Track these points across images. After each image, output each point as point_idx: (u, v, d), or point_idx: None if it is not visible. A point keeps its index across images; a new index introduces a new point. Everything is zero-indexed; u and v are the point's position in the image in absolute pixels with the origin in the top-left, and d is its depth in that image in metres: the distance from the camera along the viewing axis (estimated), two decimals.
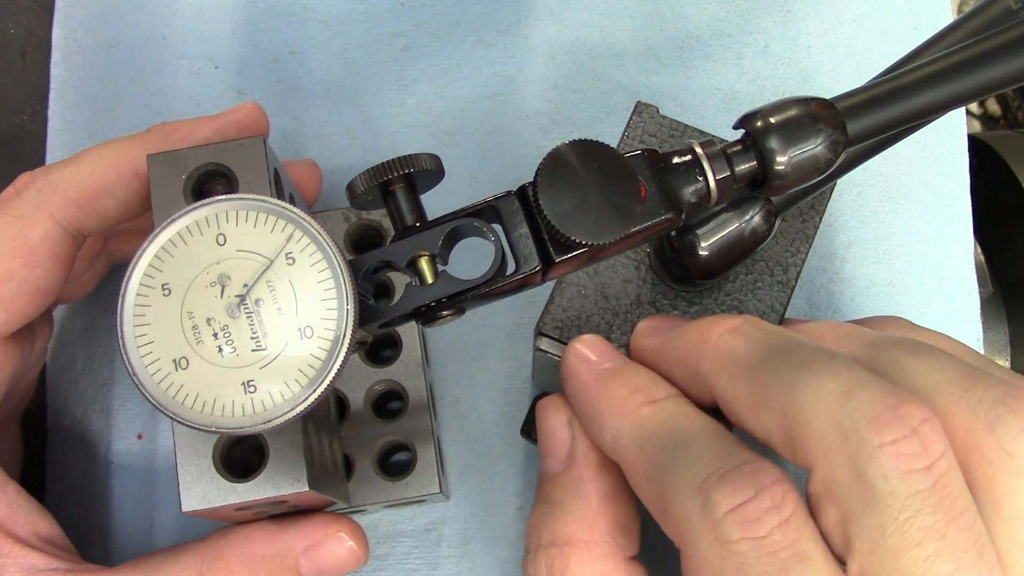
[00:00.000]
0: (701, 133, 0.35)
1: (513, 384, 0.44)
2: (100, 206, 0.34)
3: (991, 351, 0.54)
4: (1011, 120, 0.99)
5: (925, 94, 0.28)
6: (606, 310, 0.34)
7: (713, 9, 0.49)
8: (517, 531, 0.42)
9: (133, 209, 0.35)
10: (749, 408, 0.26)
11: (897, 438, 0.22)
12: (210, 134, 0.36)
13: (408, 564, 0.42)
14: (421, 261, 0.28)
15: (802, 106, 0.28)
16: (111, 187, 0.34)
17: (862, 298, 0.45)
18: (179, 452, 0.31)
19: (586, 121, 0.47)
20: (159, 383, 0.26)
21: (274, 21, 0.48)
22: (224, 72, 0.48)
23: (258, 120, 0.37)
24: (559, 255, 0.28)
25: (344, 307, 0.27)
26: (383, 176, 0.28)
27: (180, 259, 0.27)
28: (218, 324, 0.26)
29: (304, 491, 0.31)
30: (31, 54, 0.49)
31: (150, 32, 0.48)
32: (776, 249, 0.35)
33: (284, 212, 0.27)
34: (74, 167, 0.34)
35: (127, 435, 0.44)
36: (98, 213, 0.35)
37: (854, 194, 0.46)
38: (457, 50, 0.48)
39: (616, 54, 0.48)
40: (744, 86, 0.48)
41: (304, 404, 0.26)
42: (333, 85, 0.47)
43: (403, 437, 0.41)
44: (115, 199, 0.35)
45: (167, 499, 0.43)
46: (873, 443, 0.22)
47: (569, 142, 0.27)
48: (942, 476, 0.22)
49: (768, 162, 0.28)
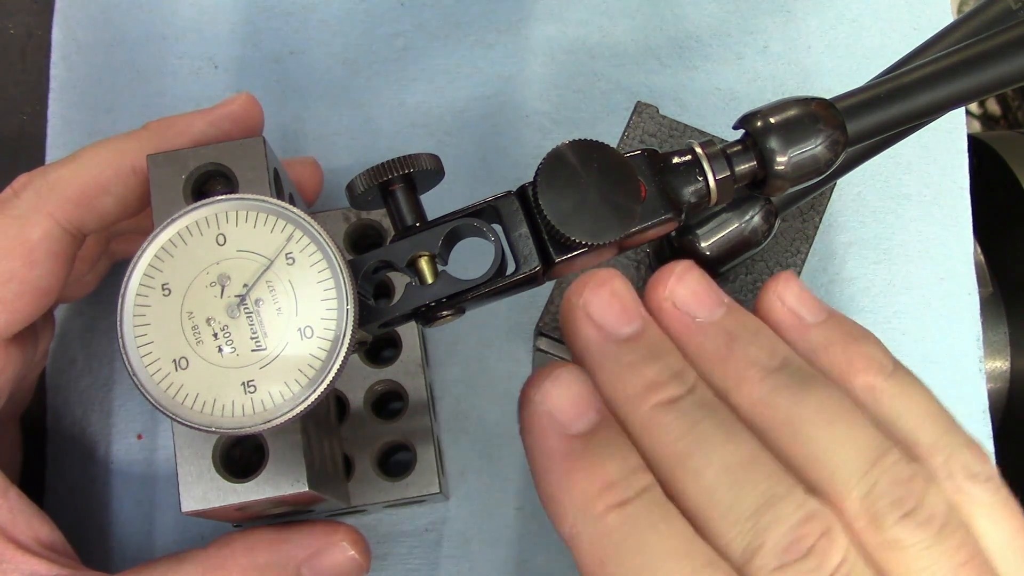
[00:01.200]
0: (701, 133, 0.35)
1: (513, 384, 0.44)
2: (99, 204, 0.34)
3: (991, 351, 0.54)
4: (1011, 120, 0.99)
5: (925, 94, 0.28)
6: None
7: (713, 9, 0.49)
8: (517, 531, 0.42)
9: (132, 206, 0.35)
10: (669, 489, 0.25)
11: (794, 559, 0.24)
12: (205, 127, 0.35)
13: (408, 564, 0.42)
14: (421, 261, 0.28)
15: (802, 106, 0.28)
16: (109, 185, 0.34)
17: (862, 298, 0.45)
18: (179, 452, 0.31)
19: (586, 121, 0.47)
20: (159, 383, 0.26)
21: (274, 21, 0.48)
22: (224, 72, 0.48)
23: (252, 111, 0.37)
24: (559, 255, 0.28)
25: (344, 307, 0.27)
26: (383, 176, 0.28)
27: (180, 259, 0.27)
28: (218, 324, 0.26)
29: (304, 491, 0.31)
30: (31, 54, 0.49)
31: (150, 32, 0.48)
32: (776, 249, 0.35)
33: (284, 212, 0.27)
34: (72, 166, 0.34)
35: (127, 435, 0.44)
36: (97, 211, 0.35)
37: (854, 194, 0.46)
38: (457, 50, 0.48)
39: (616, 54, 0.48)
40: (744, 86, 0.48)
41: (304, 404, 0.26)
42: (333, 85, 0.47)
43: (403, 437, 0.41)
44: (114, 197, 0.35)
45: (167, 499, 0.43)
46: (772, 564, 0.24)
47: (569, 142, 0.27)
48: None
49: (768, 162, 0.28)
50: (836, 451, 0.26)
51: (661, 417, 0.25)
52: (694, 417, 0.25)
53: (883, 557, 0.25)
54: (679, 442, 0.25)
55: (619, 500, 0.25)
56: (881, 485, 0.25)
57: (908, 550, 0.25)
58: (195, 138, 0.35)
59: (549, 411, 0.26)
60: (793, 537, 0.24)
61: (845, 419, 0.26)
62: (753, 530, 0.24)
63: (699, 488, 0.25)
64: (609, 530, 0.25)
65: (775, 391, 0.26)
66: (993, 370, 0.53)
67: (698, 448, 0.25)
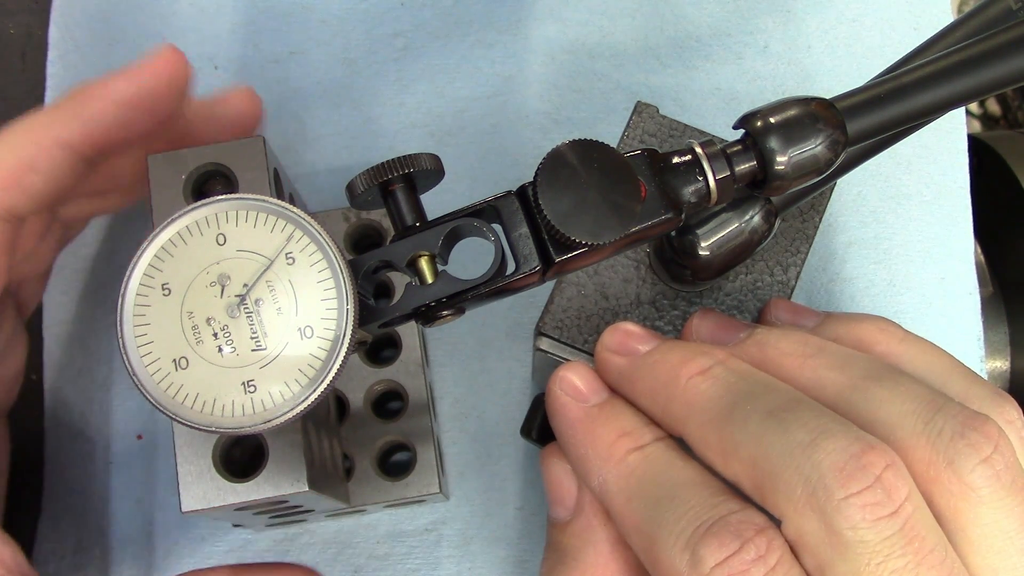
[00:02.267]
0: (701, 133, 0.35)
1: (513, 384, 0.44)
2: (27, 183, 0.33)
3: (991, 351, 0.54)
4: (1011, 120, 0.99)
5: (925, 94, 0.28)
6: (606, 310, 0.34)
7: (713, 9, 0.49)
8: (517, 531, 0.42)
9: (65, 181, 0.34)
10: (718, 455, 0.26)
11: (862, 488, 0.23)
12: (128, 88, 0.34)
13: (408, 564, 0.42)
14: (421, 261, 0.28)
15: (802, 106, 0.28)
16: (34, 163, 0.33)
17: (862, 298, 0.45)
18: (179, 452, 0.31)
19: (586, 121, 0.47)
20: (159, 383, 0.26)
21: (274, 21, 0.48)
22: (224, 72, 0.48)
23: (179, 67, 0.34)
24: (559, 255, 0.28)
25: (344, 307, 0.27)
26: (383, 176, 0.28)
27: (180, 259, 0.27)
28: (218, 324, 0.26)
29: (304, 491, 0.31)
30: (31, 54, 0.49)
31: (149, 31, 0.48)
32: (776, 249, 0.35)
33: (284, 212, 0.27)
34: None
35: (127, 435, 0.44)
36: (27, 192, 0.33)
37: (854, 194, 0.46)
38: (457, 50, 0.48)
39: (616, 54, 0.48)
40: (744, 86, 0.48)
41: (304, 404, 0.26)
42: (333, 85, 0.47)
43: (403, 437, 0.41)
44: (41, 174, 0.33)
45: (167, 499, 0.43)
46: (839, 495, 0.23)
47: (569, 142, 0.27)
48: (908, 519, 0.23)
49: (768, 162, 0.28)
50: (894, 404, 0.25)
51: (698, 384, 0.27)
52: (728, 380, 0.27)
53: (950, 505, 0.24)
54: (721, 400, 0.26)
55: (637, 444, 0.27)
56: (949, 429, 0.24)
57: (983, 501, 0.24)
58: (118, 101, 0.34)
59: (569, 389, 0.30)
60: (857, 465, 0.23)
61: (892, 378, 0.26)
62: (810, 461, 0.23)
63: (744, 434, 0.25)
64: (632, 469, 0.27)
65: (817, 371, 0.27)
66: (993, 370, 0.53)
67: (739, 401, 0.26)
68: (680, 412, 0.27)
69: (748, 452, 0.25)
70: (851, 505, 0.23)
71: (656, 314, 0.34)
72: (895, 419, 0.25)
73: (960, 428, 0.24)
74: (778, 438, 0.24)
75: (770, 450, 0.24)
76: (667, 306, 0.34)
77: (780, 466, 0.24)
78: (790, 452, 0.24)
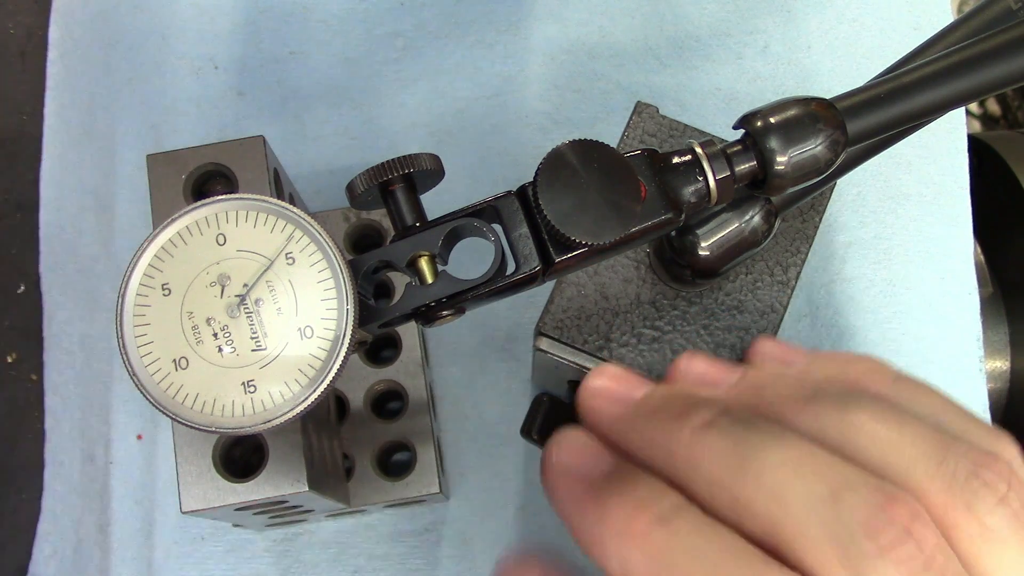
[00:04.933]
0: (701, 133, 0.35)
1: (513, 384, 0.44)
2: None
3: (991, 351, 0.54)
4: (1011, 120, 0.99)
5: (925, 94, 0.28)
6: (606, 310, 0.34)
7: (713, 9, 0.49)
8: (517, 531, 0.42)
9: None
10: (731, 512, 0.25)
11: (892, 541, 0.23)
12: None
13: (408, 564, 0.42)
14: (421, 261, 0.28)
15: (802, 106, 0.28)
16: None
17: (862, 298, 0.45)
18: (179, 452, 0.31)
19: (586, 121, 0.47)
20: (159, 383, 0.26)
21: (274, 21, 0.48)
22: (224, 72, 0.48)
23: None
24: (559, 255, 0.28)
25: (344, 307, 0.27)
26: (383, 176, 0.28)
27: (180, 259, 0.27)
28: (218, 324, 0.26)
29: (304, 491, 0.31)
30: (31, 54, 0.49)
31: (149, 31, 0.48)
32: (776, 249, 0.35)
33: (284, 212, 0.27)
34: None
35: (127, 435, 0.44)
36: None
37: (854, 194, 0.46)
38: (457, 50, 0.48)
39: (616, 54, 0.48)
40: (744, 86, 0.48)
41: (304, 404, 0.26)
42: (333, 85, 0.47)
43: (403, 437, 0.41)
44: None
45: (167, 499, 0.43)
46: (870, 551, 0.23)
47: (569, 142, 0.27)
48: (943, 570, 0.23)
49: (768, 162, 0.28)
50: (903, 447, 0.25)
51: (703, 439, 0.25)
52: (735, 431, 0.25)
53: (972, 549, 0.24)
54: (731, 454, 0.25)
55: (658, 515, 0.25)
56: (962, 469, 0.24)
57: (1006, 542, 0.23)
58: None
59: (569, 462, 0.26)
60: (884, 518, 0.22)
61: (896, 419, 0.25)
62: (834, 516, 0.23)
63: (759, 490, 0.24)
64: (657, 546, 0.24)
65: (819, 416, 0.26)
66: (993, 370, 0.53)
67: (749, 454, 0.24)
68: (685, 469, 0.26)
69: (765, 509, 0.24)
70: (887, 562, 0.22)
71: (656, 314, 0.34)
72: (906, 463, 0.24)
73: (973, 468, 0.24)
74: (797, 493, 0.23)
75: (790, 507, 0.23)
76: (667, 306, 0.34)
77: (803, 522, 0.23)
78: (812, 507, 0.23)
